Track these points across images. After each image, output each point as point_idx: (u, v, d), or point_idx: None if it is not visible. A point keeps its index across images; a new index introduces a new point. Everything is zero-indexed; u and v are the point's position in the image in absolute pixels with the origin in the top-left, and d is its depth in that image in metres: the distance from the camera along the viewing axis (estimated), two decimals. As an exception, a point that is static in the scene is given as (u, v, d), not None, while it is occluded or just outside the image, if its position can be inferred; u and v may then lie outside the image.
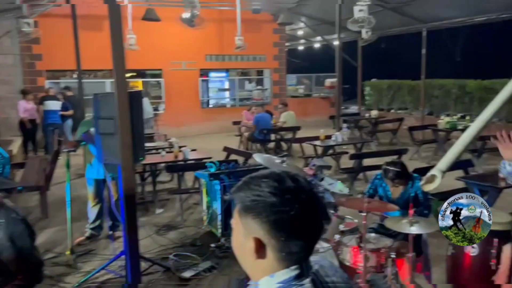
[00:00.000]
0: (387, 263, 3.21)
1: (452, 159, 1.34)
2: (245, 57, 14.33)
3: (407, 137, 10.54)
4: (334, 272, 1.13)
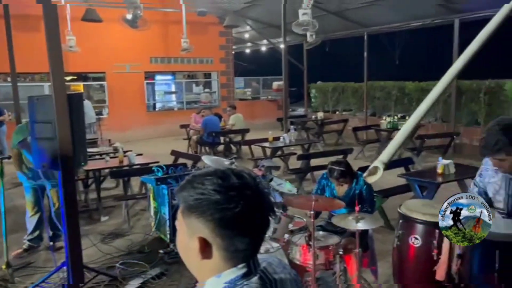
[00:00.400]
0: (335, 260, 3.27)
1: (392, 151, 1.38)
2: (192, 59, 14.19)
3: (352, 138, 10.90)
4: (282, 269, 1.11)
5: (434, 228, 2.29)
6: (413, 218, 2.37)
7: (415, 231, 2.36)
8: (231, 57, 15.32)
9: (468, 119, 10.53)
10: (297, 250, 3.29)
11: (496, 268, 1.95)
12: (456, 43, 10.14)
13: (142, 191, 6.31)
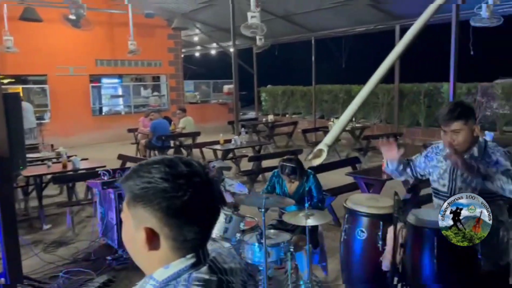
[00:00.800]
0: (287, 257, 3.30)
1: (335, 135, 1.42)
2: (140, 62, 13.87)
3: (301, 140, 11.11)
4: (232, 259, 1.10)
5: (378, 220, 2.38)
6: (358, 212, 2.44)
7: (361, 224, 2.43)
8: (180, 60, 15.14)
9: (410, 120, 11.06)
10: (248, 249, 3.28)
11: (435, 255, 2.05)
12: (398, 48, 10.63)
13: (88, 197, 6.05)
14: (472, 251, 2.11)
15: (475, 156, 2.34)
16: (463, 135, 2.30)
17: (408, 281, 2.24)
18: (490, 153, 2.32)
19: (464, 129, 2.30)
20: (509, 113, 9.55)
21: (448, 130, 2.31)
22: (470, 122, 2.33)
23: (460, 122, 2.30)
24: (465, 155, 2.36)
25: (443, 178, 2.46)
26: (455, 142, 2.32)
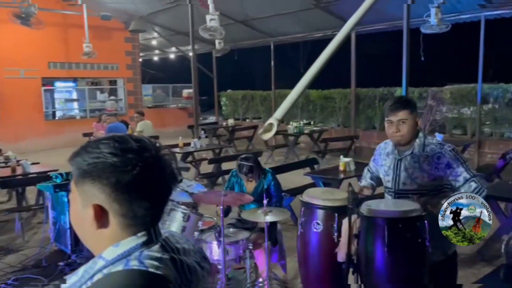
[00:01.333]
0: (245, 255, 3.30)
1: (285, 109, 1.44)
2: (95, 65, 13.50)
3: (261, 143, 11.19)
4: (185, 241, 1.08)
5: (333, 213, 2.42)
6: (314, 204, 2.48)
7: (316, 216, 2.47)
8: (138, 63, 14.87)
9: (366, 124, 11.39)
10: (207, 247, 3.26)
11: (386, 243, 2.12)
12: (353, 53, 10.96)
13: (40, 202, 5.80)
14: (421, 240, 2.20)
15: (416, 154, 2.42)
16: (408, 125, 2.38)
17: (362, 271, 2.30)
18: (436, 152, 2.37)
19: (409, 119, 2.38)
20: (457, 116, 10.03)
21: (395, 120, 2.38)
22: (414, 113, 2.42)
23: (406, 111, 2.38)
24: (406, 152, 2.45)
25: (388, 174, 2.55)
26: (401, 132, 2.38)
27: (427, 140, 2.45)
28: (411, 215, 2.17)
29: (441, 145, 2.42)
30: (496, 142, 9.14)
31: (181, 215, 3.18)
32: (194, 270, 1.05)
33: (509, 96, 8.99)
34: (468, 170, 2.34)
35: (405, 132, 2.39)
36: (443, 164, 2.35)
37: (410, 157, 2.45)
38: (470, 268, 4.24)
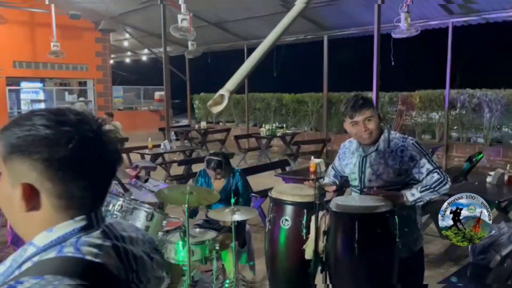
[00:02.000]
0: (211, 256, 3.19)
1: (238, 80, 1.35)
2: (64, 66, 13.12)
3: (234, 147, 11.08)
4: (134, 230, 0.98)
5: (302, 208, 2.36)
6: (283, 200, 2.41)
7: (285, 212, 2.40)
8: (109, 64, 14.55)
9: (338, 128, 11.46)
10: (172, 248, 3.13)
11: (355, 239, 2.06)
12: (326, 57, 11.04)
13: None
14: (391, 235, 2.15)
15: (381, 150, 2.39)
16: (374, 121, 2.35)
17: (331, 269, 2.24)
18: (399, 146, 2.36)
19: (374, 116, 2.36)
20: (426, 121, 10.23)
21: (361, 119, 2.33)
22: (375, 109, 2.41)
23: (370, 108, 2.35)
24: (371, 148, 2.42)
25: (354, 172, 2.51)
26: (369, 130, 2.35)
27: (391, 135, 2.43)
28: (381, 210, 2.13)
29: (404, 138, 2.39)
30: (463, 146, 9.36)
31: (144, 214, 3.04)
32: (142, 260, 0.94)
33: (475, 102, 9.23)
34: (430, 161, 2.31)
35: (373, 129, 2.35)
36: (407, 157, 2.32)
37: (375, 154, 2.41)
38: (438, 268, 4.26)
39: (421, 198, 2.29)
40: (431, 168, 2.29)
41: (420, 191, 2.27)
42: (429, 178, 2.28)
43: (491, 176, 4.69)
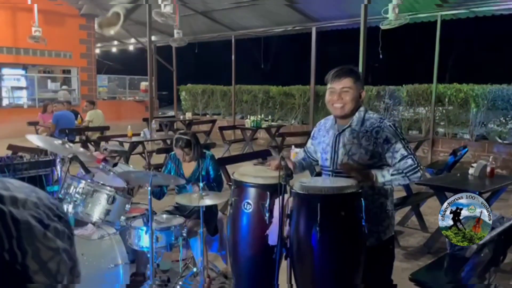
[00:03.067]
0: (178, 242, 3.03)
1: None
2: (47, 52, 12.79)
3: (220, 138, 10.90)
4: (26, 191, 0.81)
5: (265, 191, 2.21)
6: (245, 183, 2.25)
7: (247, 196, 2.24)
8: (93, 52, 14.23)
9: (325, 121, 11.35)
10: (135, 233, 2.97)
11: (318, 222, 1.92)
12: (314, 49, 10.89)
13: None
14: (357, 219, 2.01)
15: (355, 129, 2.27)
16: (351, 94, 2.23)
17: (294, 255, 2.09)
18: (375, 127, 2.23)
19: (353, 89, 2.23)
20: (413, 116, 10.14)
21: (338, 88, 2.24)
22: (358, 84, 2.27)
23: (350, 79, 2.24)
24: (345, 126, 2.29)
25: (326, 152, 2.37)
26: (342, 101, 2.24)
27: (368, 115, 2.30)
28: (346, 191, 1.98)
29: (381, 119, 2.27)
30: (449, 141, 9.29)
31: (105, 197, 2.87)
32: (27, 225, 0.78)
33: (462, 96, 9.15)
34: (406, 147, 2.19)
35: (347, 102, 2.24)
36: (381, 139, 2.19)
37: (348, 132, 2.28)
38: (416, 261, 4.15)
39: (390, 181, 2.17)
40: (405, 154, 2.17)
41: (391, 173, 2.16)
42: (402, 163, 2.16)
43: (473, 168, 4.58)
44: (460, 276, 2.85)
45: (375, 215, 2.23)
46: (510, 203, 6.25)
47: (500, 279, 3.53)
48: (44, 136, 3.62)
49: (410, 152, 2.18)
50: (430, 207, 5.56)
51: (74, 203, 2.89)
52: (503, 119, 8.80)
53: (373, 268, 2.16)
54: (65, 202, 2.88)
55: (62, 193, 2.94)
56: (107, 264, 2.84)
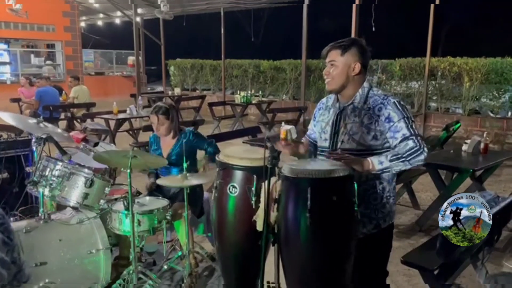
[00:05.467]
0: (161, 226, 2.90)
1: None
2: (28, 26, 12.31)
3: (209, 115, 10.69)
4: None
5: (252, 174, 2.06)
6: (230, 165, 2.10)
7: (233, 178, 2.10)
8: (78, 26, 13.74)
9: (316, 97, 11.16)
10: (116, 217, 2.82)
11: (308, 207, 1.78)
12: (305, 23, 10.58)
13: None
14: (348, 204, 1.88)
15: (357, 107, 2.10)
16: (338, 68, 2.07)
17: (282, 242, 1.96)
18: (378, 103, 2.06)
19: (339, 61, 2.06)
20: (406, 91, 9.99)
21: (327, 61, 2.10)
22: (348, 56, 2.07)
23: (336, 51, 2.07)
24: (347, 104, 2.13)
25: (325, 131, 2.20)
26: (329, 76, 2.10)
27: (372, 92, 2.12)
28: (337, 174, 1.84)
29: (385, 96, 2.09)
30: (441, 116, 9.20)
31: (82, 181, 2.71)
32: None
33: (455, 70, 8.99)
34: (409, 127, 2.00)
35: (333, 76, 2.09)
36: (384, 117, 2.02)
37: (350, 110, 2.11)
38: (408, 239, 4.08)
39: (389, 168, 1.99)
40: (407, 134, 1.99)
41: (390, 159, 1.98)
42: (402, 146, 1.99)
43: (467, 144, 4.48)
44: (454, 258, 2.76)
45: (374, 201, 2.10)
46: (502, 178, 6.21)
47: (493, 257, 3.47)
48: (17, 114, 3.41)
49: (413, 132, 2.00)
50: (422, 184, 5.48)
51: (50, 186, 2.73)
52: (496, 93, 8.69)
53: (368, 256, 2.04)
54: (40, 185, 2.72)
55: (37, 175, 2.77)
56: (87, 250, 2.71)
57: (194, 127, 6.85)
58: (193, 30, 14.48)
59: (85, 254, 2.70)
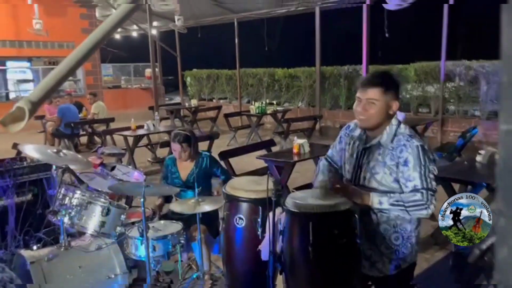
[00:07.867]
0: (175, 250, 2.99)
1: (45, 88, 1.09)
2: (49, 44, 12.72)
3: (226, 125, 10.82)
4: None
5: (257, 206, 2.13)
6: (236, 197, 2.18)
7: (239, 210, 2.18)
8: (97, 42, 14.08)
9: (332, 103, 11.16)
10: (132, 243, 2.93)
11: (310, 242, 1.84)
12: (318, 30, 10.62)
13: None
14: (350, 237, 1.93)
15: (382, 145, 2.04)
16: (378, 107, 1.98)
17: (287, 272, 2.03)
18: (401, 145, 2.00)
19: (381, 100, 1.97)
20: (422, 94, 9.90)
21: (363, 98, 1.99)
22: (389, 94, 1.99)
23: (378, 90, 1.96)
24: (374, 140, 2.07)
25: (349, 163, 2.16)
26: (366, 114, 2.00)
27: (399, 130, 2.04)
28: (338, 208, 1.90)
29: (410, 137, 2.01)
30: (459, 120, 9.08)
31: (99, 210, 2.83)
32: None
33: (472, 74, 8.88)
34: (423, 178, 1.95)
35: (371, 115, 1.99)
36: (402, 159, 1.97)
37: (375, 147, 2.05)
38: (423, 253, 4.07)
39: (387, 210, 1.99)
40: (419, 187, 1.94)
41: (390, 203, 1.95)
42: (410, 195, 1.95)
43: (481, 155, 4.43)
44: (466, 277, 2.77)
45: (396, 241, 2.05)
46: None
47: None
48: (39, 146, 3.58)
49: (425, 185, 1.94)
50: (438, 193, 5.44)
51: (69, 214, 2.86)
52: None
53: None
54: (59, 214, 2.85)
55: (57, 205, 2.91)
56: (105, 275, 2.82)
57: (210, 141, 6.97)
58: (208, 41, 14.65)
59: (104, 280, 2.81)
